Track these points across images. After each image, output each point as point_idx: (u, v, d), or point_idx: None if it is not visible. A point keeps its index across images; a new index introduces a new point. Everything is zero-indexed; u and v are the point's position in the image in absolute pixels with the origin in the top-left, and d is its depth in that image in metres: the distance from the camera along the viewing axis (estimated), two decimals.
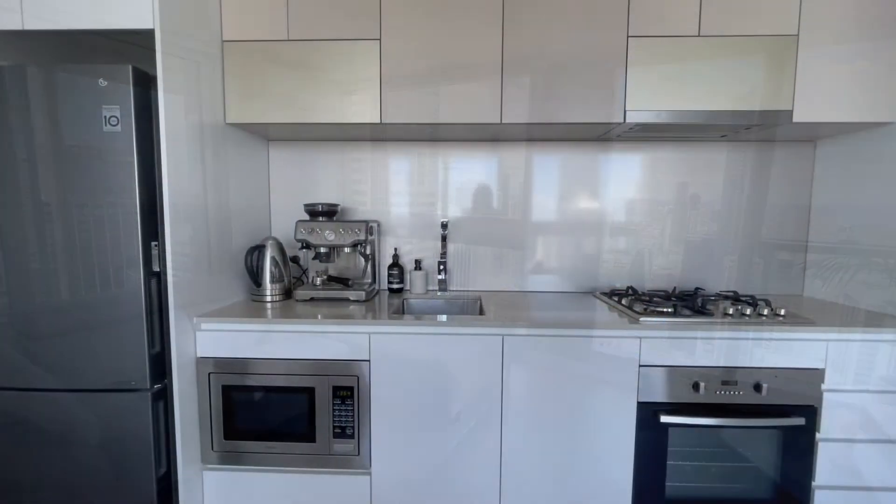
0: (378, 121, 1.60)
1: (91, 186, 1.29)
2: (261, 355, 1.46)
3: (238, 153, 1.75)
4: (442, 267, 1.95)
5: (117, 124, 1.27)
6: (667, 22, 1.54)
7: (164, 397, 1.41)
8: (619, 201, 1.98)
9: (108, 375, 1.34)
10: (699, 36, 1.54)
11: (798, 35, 1.53)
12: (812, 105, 1.55)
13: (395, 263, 1.95)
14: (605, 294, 1.86)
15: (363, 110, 1.61)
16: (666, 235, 1.99)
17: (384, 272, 1.97)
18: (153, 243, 1.36)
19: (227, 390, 1.48)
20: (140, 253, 1.32)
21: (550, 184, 1.99)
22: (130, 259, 1.31)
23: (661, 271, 2.00)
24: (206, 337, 1.46)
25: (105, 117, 1.27)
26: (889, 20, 1.51)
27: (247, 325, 1.46)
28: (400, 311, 1.81)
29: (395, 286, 1.95)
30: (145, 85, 1.31)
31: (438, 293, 1.95)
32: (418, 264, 1.96)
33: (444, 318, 1.48)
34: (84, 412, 1.35)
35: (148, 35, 1.29)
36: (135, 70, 1.27)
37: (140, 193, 1.31)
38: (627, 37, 1.55)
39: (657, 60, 1.55)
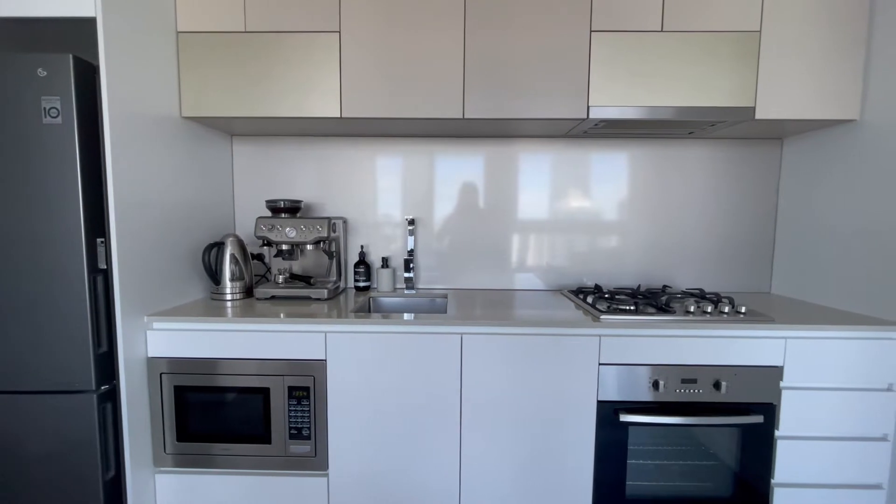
0: (338, 115, 1.57)
1: (30, 180, 1.24)
2: (214, 355, 1.42)
3: (197, 148, 1.71)
4: (411, 265, 1.92)
5: (58, 116, 1.22)
6: (630, 16, 1.52)
7: (113, 399, 1.37)
8: (591, 199, 1.97)
9: (51, 376, 1.30)
10: (662, 31, 1.52)
11: (760, 31, 1.52)
12: (774, 102, 1.54)
13: (362, 261, 1.92)
14: (572, 292, 1.84)
15: (323, 104, 1.57)
16: (637, 233, 1.98)
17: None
18: (99, 240, 1.32)
19: (180, 391, 1.44)
20: (84, 250, 1.27)
21: (525, 182, 1.97)
22: (73, 256, 1.27)
23: (632, 269, 1.99)
24: (158, 336, 1.42)
25: (45, 109, 1.22)
26: (851, 17, 1.51)
27: (199, 325, 1.42)
28: (365, 310, 1.79)
29: (361, 284, 1.92)
30: (89, 76, 1.26)
31: (406, 291, 1.92)
32: (385, 262, 1.93)
33: (401, 316, 1.45)
34: (25, 414, 1.30)
35: (90, 24, 1.25)
36: (76, 60, 1.22)
37: (83, 188, 1.26)
38: (590, 31, 1.53)
39: (620, 56, 1.53)
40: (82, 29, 1.29)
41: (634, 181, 1.96)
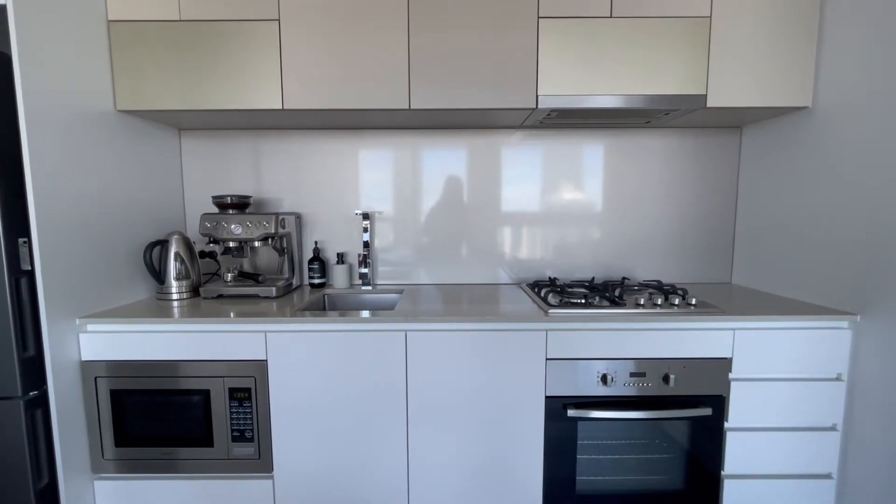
0: (280, 107, 1.52)
1: None
2: (151, 357, 1.37)
3: (138, 143, 1.64)
4: (368, 260, 1.87)
5: None
6: (578, 2, 1.48)
7: (44, 404, 1.31)
8: (553, 192, 1.93)
9: None
10: (611, 17, 1.48)
11: (711, 17, 1.49)
12: (726, 89, 1.51)
13: (316, 257, 1.87)
14: (529, 285, 1.81)
15: (264, 96, 1.51)
16: (599, 224, 1.95)
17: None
18: (21, 240, 1.26)
19: (117, 395, 1.39)
20: (3, 250, 1.21)
21: (489, 176, 1.92)
22: None
23: (595, 260, 1.96)
24: (92, 339, 1.37)
25: None
26: (802, 2, 1.48)
27: (134, 326, 1.37)
28: (318, 307, 1.75)
29: (316, 281, 1.87)
30: (5, 67, 1.20)
31: (362, 287, 1.88)
32: (341, 258, 1.89)
33: (343, 314, 1.41)
34: None
35: (1, 11, 1.18)
36: None
37: (0, 186, 1.20)
38: (538, 17, 1.48)
39: (569, 43, 1.49)
40: None
41: (596, 172, 1.93)
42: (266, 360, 1.37)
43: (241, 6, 1.48)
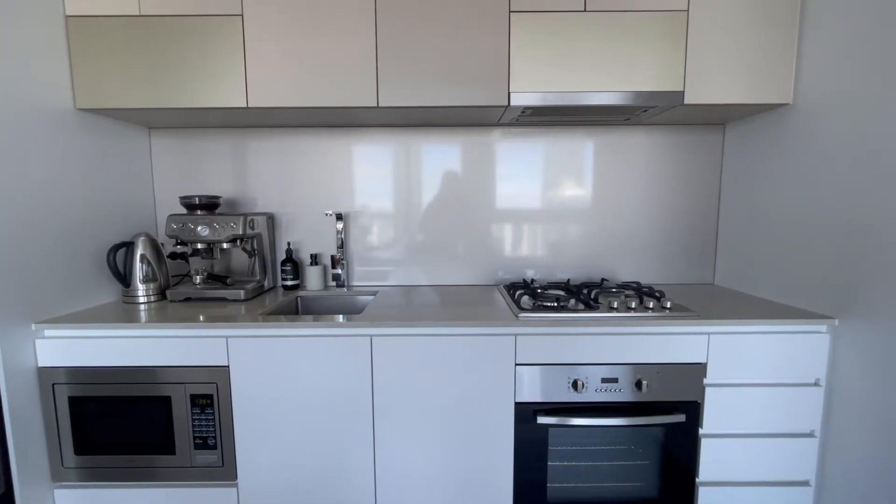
0: (244, 105, 1.47)
1: None
2: (110, 363, 1.34)
3: (103, 142, 1.60)
4: (343, 262, 1.84)
5: None
6: None
7: None
8: (536, 191, 1.89)
9: None
10: (585, 11, 1.44)
11: (688, 11, 1.44)
12: (704, 86, 1.47)
13: (289, 259, 1.83)
14: (506, 287, 1.77)
15: (227, 93, 1.47)
16: (582, 224, 1.90)
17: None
18: None
19: (76, 402, 1.35)
20: None
21: (469, 176, 1.88)
22: None
23: (578, 261, 1.92)
24: (49, 345, 1.33)
25: None
26: None
27: (93, 331, 1.33)
28: (290, 310, 1.71)
29: (289, 283, 1.83)
30: None
31: (336, 289, 1.84)
32: (314, 259, 1.85)
33: (305, 318, 1.37)
34: None
35: None
36: None
37: None
38: (509, 12, 1.44)
39: (542, 38, 1.44)
40: None
41: (579, 172, 1.88)
42: (228, 367, 1.34)
43: (202, 1, 1.43)
